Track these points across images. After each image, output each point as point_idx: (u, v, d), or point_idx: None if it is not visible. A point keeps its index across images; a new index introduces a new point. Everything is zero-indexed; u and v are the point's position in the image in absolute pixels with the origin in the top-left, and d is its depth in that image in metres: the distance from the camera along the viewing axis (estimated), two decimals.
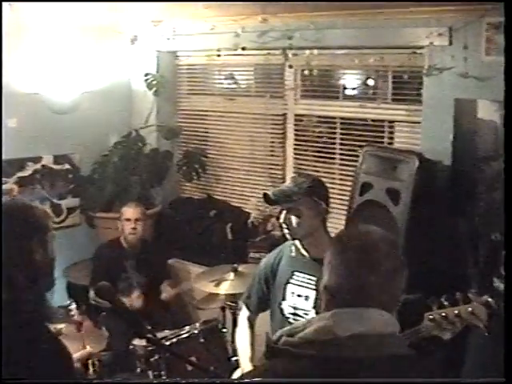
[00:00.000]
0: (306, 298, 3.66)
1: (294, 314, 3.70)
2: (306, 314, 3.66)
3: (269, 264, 3.89)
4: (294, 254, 3.76)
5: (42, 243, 2.78)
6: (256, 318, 4.07)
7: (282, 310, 3.76)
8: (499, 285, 3.77)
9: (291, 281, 3.73)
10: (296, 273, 3.72)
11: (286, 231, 3.68)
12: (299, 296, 3.68)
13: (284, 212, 3.64)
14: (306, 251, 3.70)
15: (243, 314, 4.07)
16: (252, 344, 3.97)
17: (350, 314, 1.95)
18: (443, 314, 2.83)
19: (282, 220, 3.65)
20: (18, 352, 2.56)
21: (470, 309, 2.78)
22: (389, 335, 1.96)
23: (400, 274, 2.05)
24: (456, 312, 2.80)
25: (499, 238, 3.73)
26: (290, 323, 3.68)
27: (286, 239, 3.79)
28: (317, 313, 3.59)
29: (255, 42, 5.85)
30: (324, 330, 1.93)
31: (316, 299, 3.60)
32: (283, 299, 3.75)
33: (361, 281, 1.98)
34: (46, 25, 6.07)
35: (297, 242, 3.73)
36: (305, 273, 3.69)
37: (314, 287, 3.63)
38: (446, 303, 2.84)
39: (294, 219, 3.60)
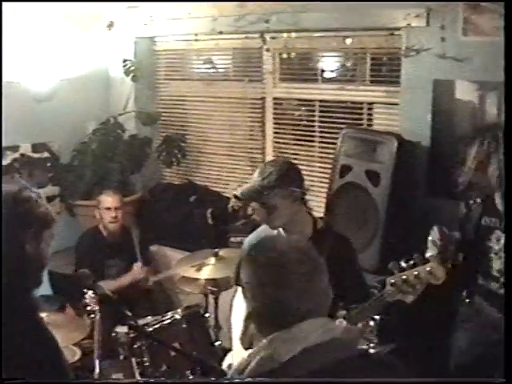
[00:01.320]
0: None
1: None
2: None
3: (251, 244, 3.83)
4: (275, 234, 3.70)
5: (36, 238, 2.76)
6: None
7: None
8: (484, 283, 3.77)
9: None
10: None
11: (263, 224, 3.60)
12: None
13: (257, 208, 3.51)
14: (286, 234, 3.64)
15: (238, 297, 4.00)
16: None
17: (286, 334, 1.90)
18: (403, 277, 2.87)
19: (256, 216, 3.56)
20: (7, 343, 2.55)
21: (428, 268, 2.82)
22: (332, 341, 1.91)
23: (318, 277, 2.00)
24: (415, 273, 2.84)
25: (489, 222, 3.70)
26: None
27: None
28: None
29: (232, 26, 5.83)
30: (267, 361, 1.89)
31: None
32: None
33: (280, 298, 1.94)
34: (23, 13, 6.01)
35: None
36: None
37: None
38: (405, 265, 2.88)
39: (269, 213, 3.44)
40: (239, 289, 3.94)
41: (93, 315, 3.96)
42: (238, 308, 3.98)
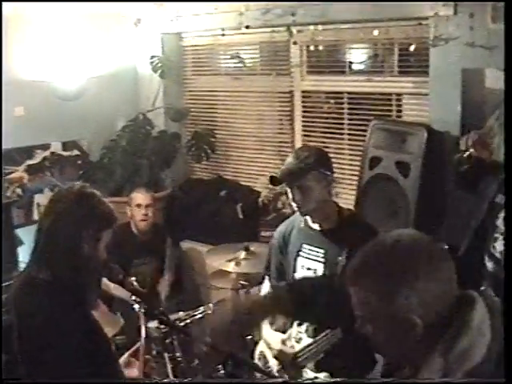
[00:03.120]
0: (315, 271, 3.61)
1: None
2: None
3: (281, 234, 3.83)
4: (302, 226, 3.71)
5: (96, 237, 2.77)
6: None
7: None
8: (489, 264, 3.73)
9: (300, 253, 3.68)
10: (304, 245, 3.67)
11: (296, 208, 3.63)
12: (308, 269, 3.64)
13: (293, 190, 3.57)
14: (314, 223, 3.66)
15: (266, 285, 4.03)
16: None
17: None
18: None
19: (291, 198, 3.60)
20: (60, 338, 2.58)
21: None
22: None
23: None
24: None
25: (500, 200, 3.66)
26: None
27: None
28: None
29: (259, 19, 5.82)
30: None
31: (324, 272, 3.57)
32: (294, 271, 3.71)
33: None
34: (50, 12, 6.05)
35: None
36: (312, 245, 3.64)
37: (321, 260, 3.60)
38: None
39: (303, 195, 3.53)
40: (266, 278, 3.97)
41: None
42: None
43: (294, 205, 3.61)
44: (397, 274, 1.81)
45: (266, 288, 4.01)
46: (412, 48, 5.11)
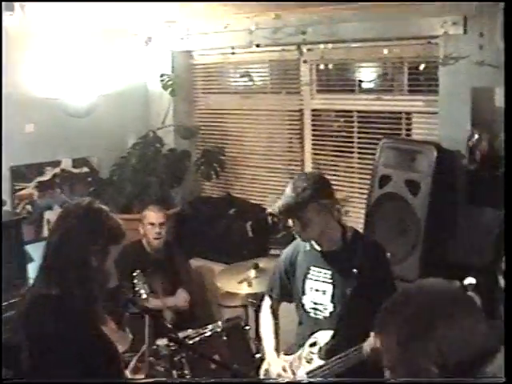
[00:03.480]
0: (324, 292, 3.64)
1: (315, 309, 3.69)
2: (325, 308, 3.64)
3: (287, 258, 3.87)
4: (308, 249, 3.74)
5: (103, 252, 2.78)
6: (278, 306, 4.06)
7: (303, 305, 3.75)
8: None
9: (308, 276, 3.71)
10: (312, 267, 3.70)
11: (297, 237, 3.66)
12: (317, 291, 3.67)
13: (293, 221, 3.57)
14: (319, 245, 3.68)
15: (265, 304, 4.05)
16: (276, 332, 3.96)
17: None
18: None
19: (292, 228, 3.61)
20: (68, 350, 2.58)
21: None
22: None
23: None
24: None
25: None
26: (311, 318, 3.69)
27: None
28: (334, 307, 3.60)
29: (269, 38, 5.84)
30: None
31: (333, 293, 3.60)
32: (303, 294, 3.74)
33: None
34: (61, 29, 6.09)
35: None
36: (320, 267, 3.67)
37: (329, 281, 3.63)
38: None
39: (303, 226, 3.54)
40: (266, 298, 3.99)
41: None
42: (266, 316, 4.02)
43: (296, 234, 3.65)
44: (415, 322, 1.81)
45: (265, 305, 4.04)
46: (422, 67, 5.12)
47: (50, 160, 6.35)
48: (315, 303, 3.69)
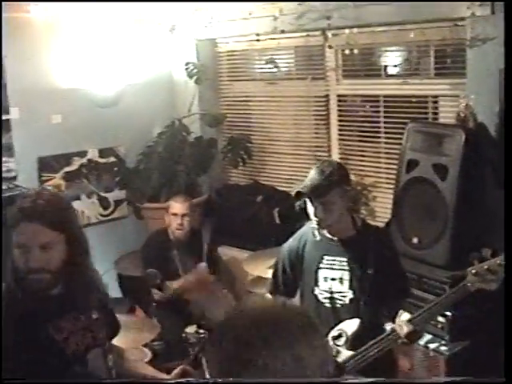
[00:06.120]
0: (341, 280, 3.62)
1: (331, 298, 3.65)
2: (343, 296, 3.62)
3: (292, 251, 3.82)
4: (318, 239, 3.70)
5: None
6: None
7: (316, 296, 3.70)
8: None
9: (321, 265, 3.67)
10: (325, 257, 3.67)
11: (315, 223, 3.60)
12: (333, 279, 3.64)
13: (316, 205, 3.54)
14: (332, 234, 3.67)
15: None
16: None
17: None
18: (485, 267, 3.08)
19: (313, 213, 3.58)
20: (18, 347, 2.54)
21: None
22: None
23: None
24: (498, 262, 3.04)
25: None
26: (326, 308, 3.67)
27: None
28: (354, 293, 3.59)
29: (294, 24, 5.79)
30: None
31: (351, 280, 3.60)
32: (316, 285, 3.69)
33: None
34: (87, 19, 6.10)
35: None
36: (334, 255, 3.65)
37: (346, 268, 3.62)
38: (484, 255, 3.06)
39: (326, 211, 3.53)
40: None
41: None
42: None
43: (314, 219, 3.59)
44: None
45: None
46: (448, 50, 5.06)
47: (76, 150, 6.38)
48: (331, 292, 3.65)
